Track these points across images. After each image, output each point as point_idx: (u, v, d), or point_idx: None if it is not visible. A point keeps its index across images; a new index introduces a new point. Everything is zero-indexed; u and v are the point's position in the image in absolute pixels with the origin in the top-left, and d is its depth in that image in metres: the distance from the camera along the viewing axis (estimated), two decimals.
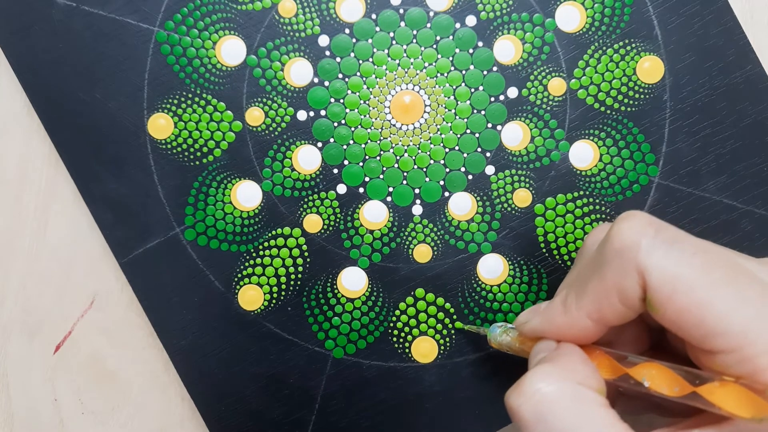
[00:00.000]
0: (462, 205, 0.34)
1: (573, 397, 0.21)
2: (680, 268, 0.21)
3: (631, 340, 0.27)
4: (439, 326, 0.34)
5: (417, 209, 0.34)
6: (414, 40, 0.34)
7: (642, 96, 0.34)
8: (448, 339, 0.34)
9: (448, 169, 0.34)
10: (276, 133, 0.34)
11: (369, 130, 0.34)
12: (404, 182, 0.34)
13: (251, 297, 0.34)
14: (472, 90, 0.34)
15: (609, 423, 0.21)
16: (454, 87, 0.34)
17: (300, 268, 0.34)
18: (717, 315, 0.20)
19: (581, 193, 0.34)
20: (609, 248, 0.22)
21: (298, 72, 0.34)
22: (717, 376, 0.20)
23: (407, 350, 0.34)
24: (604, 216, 0.34)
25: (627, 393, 0.26)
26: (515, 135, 0.34)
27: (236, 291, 0.34)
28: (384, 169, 0.34)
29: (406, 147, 0.34)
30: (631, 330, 0.26)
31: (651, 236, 0.21)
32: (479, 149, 0.34)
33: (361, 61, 0.34)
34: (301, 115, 0.34)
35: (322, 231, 0.34)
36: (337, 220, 0.34)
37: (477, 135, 0.34)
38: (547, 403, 0.21)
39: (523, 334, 0.27)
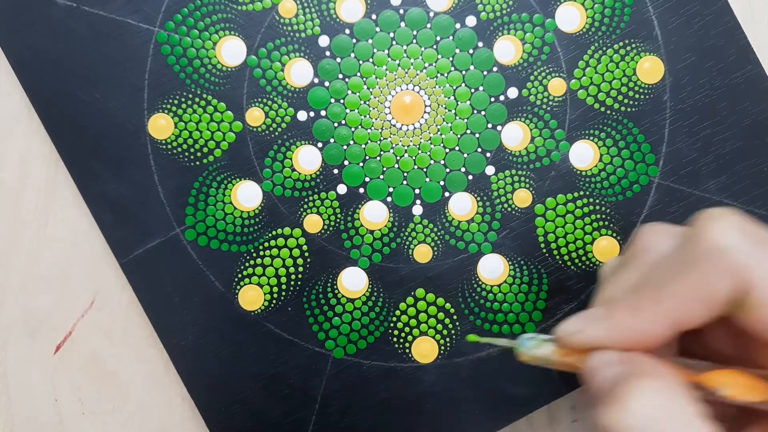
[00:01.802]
0: (462, 206, 0.34)
1: (680, 413, 0.20)
2: None
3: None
4: (440, 326, 0.34)
5: (417, 209, 0.34)
6: (414, 41, 0.34)
7: (642, 96, 0.34)
8: (448, 339, 0.34)
9: (448, 170, 0.34)
10: (276, 133, 0.34)
11: (369, 131, 0.34)
12: (404, 182, 0.34)
13: (251, 297, 0.34)
14: (472, 90, 0.34)
15: None
16: (454, 87, 0.34)
17: (300, 268, 0.34)
18: None
19: (581, 193, 0.34)
20: (696, 250, 0.21)
21: (299, 72, 0.34)
22: None
23: (407, 350, 0.34)
24: (604, 216, 0.34)
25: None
26: (515, 135, 0.34)
27: (236, 291, 0.34)
28: (384, 169, 0.34)
29: (406, 147, 0.34)
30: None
31: (743, 234, 0.21)
32: (479, 149, 0.34)
33: (361, 62, 0.34)
34: (302, 116, 0.34)
35: (323, 231, 0.34)
36: (338, 220, 0.34)
37: (477, 135, 0.34)
38: (655, 421, 0.20)
39: (570, 345, 0.25)
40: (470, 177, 0.34)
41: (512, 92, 0.34)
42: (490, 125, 0.34)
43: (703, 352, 0.25)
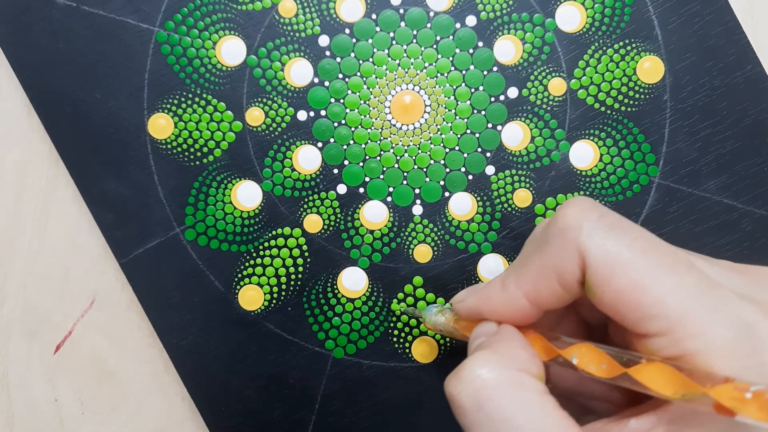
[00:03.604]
0: (462, 205, 0.34)
1: (513, 385, 0.21)
2: (620, 250, 0.21)
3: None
4: None
5: (417, 209, 0.34)
6: (414, 40, 0.34)
7: (642, 96, 0.34)
8: (448, 339, 0.34)
9: (448, 169, 0.34)
10: (276, 133, 0.34)
11: (369, 130, 0.34)
12: (404, 182, 0.34)
13: (251, 297, 0.34)
14: (473, 90, 0.34)
15: (548, 410, 0.20)
16: (455, 87, 0.34)
17: (300, 268, 0.34)
18: (653, 298, 0.20)
19: (582, 193, 0.34)
20: (552, 229, 0.22)
21: (299, 72, 0.34)
22: (645, 356, 0.20)
23: (407, 350, 0.34)
24: None
25: (564, 395, 0.26)
26: (515, 135, 0.34)
27: (236, 291, 0.34)
28: (384, 169, 0.34)
29: (406, 147, 0.34)
30: (565, 327, 0.26)
31: (594, 219, 0.21)
32: (479, 149, 0.34)
33: (361, 61, 0.34)
34: (302, 115, 0.34)
35: (323, 231, 0.34)
36: (338, 220, 0.34)
37: (477, 135, 0.34)
38: (487, 390, 0.21)
39: (458, 312, 0.26)
40: (470, 177, 0.34)
41: (512, 92, 0.34)
42: (490, 125, 0.34)
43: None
